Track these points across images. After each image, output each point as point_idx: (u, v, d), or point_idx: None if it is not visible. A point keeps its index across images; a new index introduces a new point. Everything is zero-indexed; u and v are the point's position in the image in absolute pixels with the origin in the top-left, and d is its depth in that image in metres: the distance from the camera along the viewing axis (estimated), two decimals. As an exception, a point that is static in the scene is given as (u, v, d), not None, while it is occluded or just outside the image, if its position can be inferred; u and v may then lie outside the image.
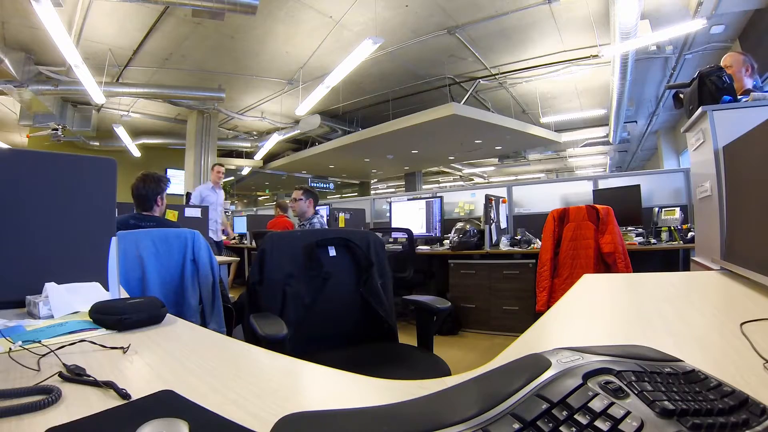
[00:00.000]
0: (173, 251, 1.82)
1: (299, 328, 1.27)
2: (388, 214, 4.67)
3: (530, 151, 12.32)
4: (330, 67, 5.86)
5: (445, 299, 1.39)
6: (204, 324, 1.84)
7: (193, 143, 8.81)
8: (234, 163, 12.18)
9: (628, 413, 0.28)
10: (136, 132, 9.45)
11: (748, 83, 2.13)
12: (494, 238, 3.60)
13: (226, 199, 8.90)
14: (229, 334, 1.96)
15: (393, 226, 4.37)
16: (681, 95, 2.18)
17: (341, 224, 4.49)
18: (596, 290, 1.16)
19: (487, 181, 15.45)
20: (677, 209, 3.33)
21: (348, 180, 15.94)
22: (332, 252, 1.48)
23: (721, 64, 2.08)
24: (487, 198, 3.58)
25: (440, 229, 4.12)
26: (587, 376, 0.33)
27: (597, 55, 5.88)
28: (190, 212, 3.69)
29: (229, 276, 5.92)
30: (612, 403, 0.29)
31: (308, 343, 1.31)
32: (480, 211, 4.23)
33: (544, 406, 0.29)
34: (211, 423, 0.39)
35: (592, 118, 9.20)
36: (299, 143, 11.59)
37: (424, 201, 4.27)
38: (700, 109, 1.80)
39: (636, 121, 9.61)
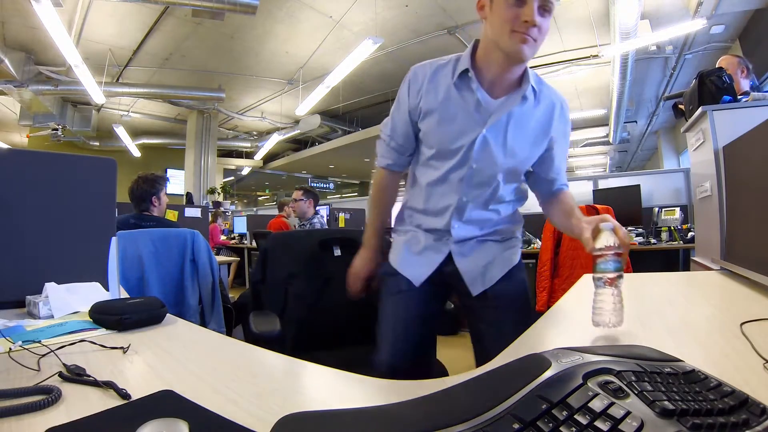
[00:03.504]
0: (173, 251, 1.82)
1: (301, 327, 1.27)
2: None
3: (530, 151, 12.31)
4: (330, 67, 5.86)
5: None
6: (204, 324, 1.84)
7: (193, 143, 8.80)
8: (234, 163, 12.18)
9: (628, 413, 0.28)
10: (136, 132, 9.44)
11: (745, 85, 2.13)
12: (494, 238, 3.59)
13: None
14: (229, 334, 1.96)
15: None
16: (680, 105, 2.19)
17: (341, 224, 4.50)
18: (596, 290, 1.15)
19: (487, 181, 15.43)
20: (677, 209, 3.33)
21: (348, 180, 15.94)
22: (337, 252, 1.48)
23: None
24: (487, 198, 3.57)
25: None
26: (587, 376, 0.33)
27: (597, 55, 5.87)
28: (190, 212, 3.69)
29: (229, 276, 5.92)
30: (612, 403, 0.29)
31: (310, 342, 1.31)
32: (480, 211, 4.22)
33: (544, 406, 0.29)
34: (211, 423, 0.39)
35: (592, 118, 9.19)
36: (299, 143, 11.59)
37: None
38: (700, 109, 1.80)
39: (636, 121, 9.61)
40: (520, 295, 1.08)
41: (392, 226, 1.18)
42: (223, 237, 6.61)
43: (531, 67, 0.97)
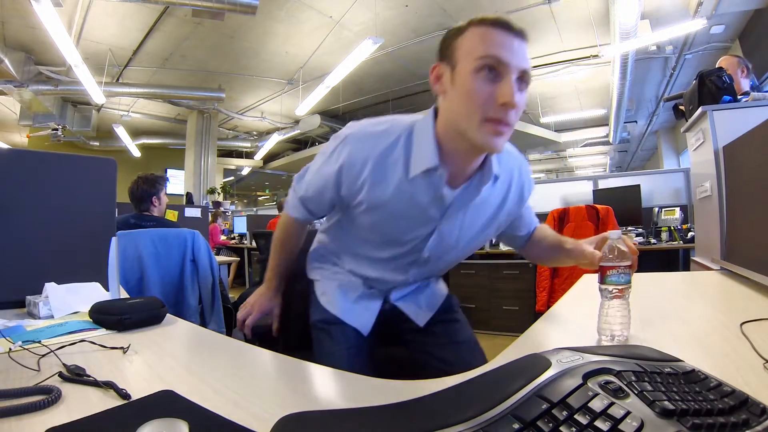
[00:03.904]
0: (173, 251, 1.82)
1: (305, 325, 1.28)
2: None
3: (530, 151, 12.31)
4: (330, 67, 5.86)
5: None
6: (204, 324, 1.85)
7: (193, 143, 8.80)
8: (234, 163, 12.18)
9: (628, 413, 0.28)
10: (136, 132, 9.43)
11: (745, 85, 2.13)
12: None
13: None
14: (229, 334, 1.96)
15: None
16: (681, 107, 2.19)
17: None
18: (596, 290, 1.15)
19: (487, 181, 15.41)
20: (677, 209, 3.33)
21: (348, 180, 15.91)
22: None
23: None
24: (487, 198, 3.57)
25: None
26: (587, 376, 0.33)
27: (597, 55, 5.87)
28: (190, 212, 3.69)
29: (229, 276, 5.92)
30: (612, 403, 0.29)
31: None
32: (480, 211, 4.22)
33: (544, 406, 0.29)
34: (211, 423, 0.39)
35: (592, 118, 9.19)
36: (299, 143, 11.58)
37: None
38: (700, 109, 1.80)
39: (636, 121, 9.60)
40: (458, 307, 1.05)
41: (309, 264, 1.06)
42: (223, 237, 6.62)
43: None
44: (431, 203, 0.78)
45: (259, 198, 18.56)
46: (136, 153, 9.68)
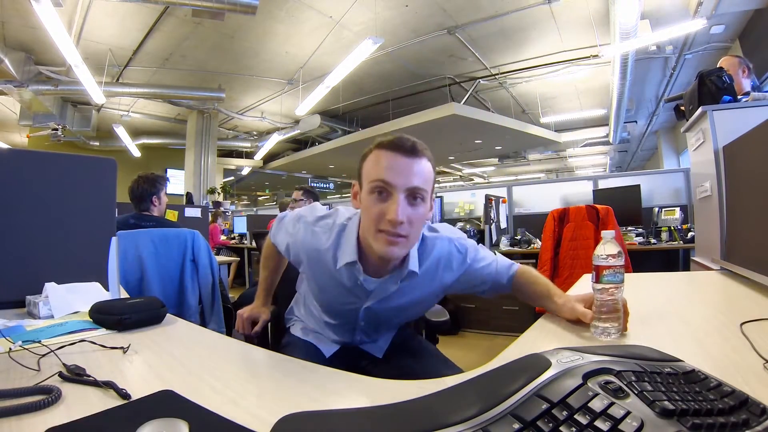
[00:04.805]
0: (173, 251, 1.82)
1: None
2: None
3: (530, 151, 12.31)
4: (330, 67, 5.85)
5: (444, 308, 1.38)
6: (204, 324, 1.85)
7: (193, 143, 8.80)
8: (234, 163, 12.18)
9: (628, 413, 0.28)
10: (136, 132, 9.43)
11: (746, 85, 2.13)
12: (494, 238, 3.60)
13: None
14: (229, 334, 1.96)
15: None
16: (682, 108, 2.19)
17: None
18: (596, 290, 1.15)
19: (487, 181, 15.43)
20: (677, 209, 3.33)
21: (348, 180, 15.93)
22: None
23: None
24: (487, 198, 3.58)
25: (440, 229, 4.10)
26: (587, 376, 0.33)
27: (597, 55, 5.87)
28: (190, 212, 3.69)
29: (229, 276, 5.92)
30: (612, 403, 0.29)
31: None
32: (480, 211, 4.23)
33: (544, 406, 0.29)
34: (211, 423, 0.39)
35: (592, 118, 9.19)
36: (299, 143, 11.58)
37: (424, 201, 4.27)
38: (700, 109, 1.80)
39: (636, 121, 9.60)
40: (412, 337, 1.15)
41: (286, 317, 1.19)
42: (223, 237, 6.61)
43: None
44: (354, 288, 0.91)
45: (259, 198, 18.56)
46: (136, 153, 9.68)
